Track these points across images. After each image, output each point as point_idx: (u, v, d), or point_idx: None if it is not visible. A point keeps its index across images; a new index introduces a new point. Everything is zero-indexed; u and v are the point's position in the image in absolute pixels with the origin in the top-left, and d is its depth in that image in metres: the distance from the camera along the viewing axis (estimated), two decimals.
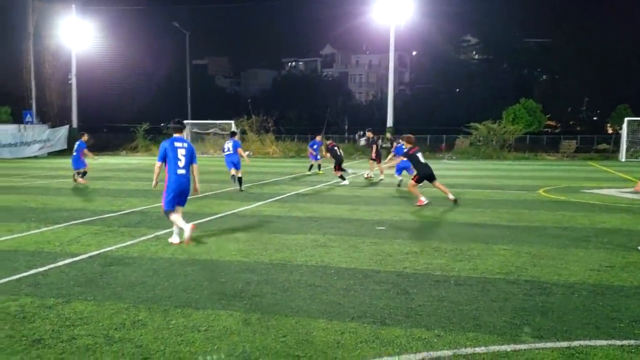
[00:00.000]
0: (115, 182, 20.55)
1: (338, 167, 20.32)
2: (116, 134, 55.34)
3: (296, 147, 44.24)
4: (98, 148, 25.05)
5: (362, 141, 49.11)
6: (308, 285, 6.96)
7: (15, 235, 10.21)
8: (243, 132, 45.18)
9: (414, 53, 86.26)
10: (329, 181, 21.11)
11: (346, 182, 19.95)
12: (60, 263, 8.13)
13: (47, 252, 8.84)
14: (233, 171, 17.81)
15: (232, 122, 44.21)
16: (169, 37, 69.30)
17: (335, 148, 20.72)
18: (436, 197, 15.20)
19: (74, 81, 45.83)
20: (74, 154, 21.74)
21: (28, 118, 45.38)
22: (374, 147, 22.62)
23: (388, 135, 34.79)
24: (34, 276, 7.43)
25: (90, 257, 8.55)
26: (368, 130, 24.50)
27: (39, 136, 42.49)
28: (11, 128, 42.83)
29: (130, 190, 18.08)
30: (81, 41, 45.84)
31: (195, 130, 45.16)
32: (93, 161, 24.47)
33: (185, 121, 45.25)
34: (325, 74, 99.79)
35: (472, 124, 42.99)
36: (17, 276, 7.41)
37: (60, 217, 12.27)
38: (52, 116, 48.92)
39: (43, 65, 48.73)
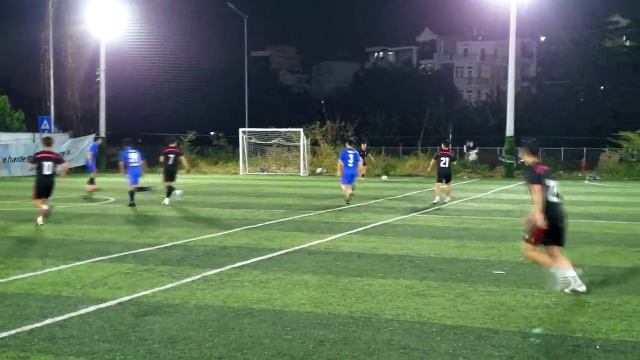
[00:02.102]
0: (151, 208, 21.01)
1: (168, 178, 22.01)
2: (155, 146, 56.68)
3: (383, 162, 44.15)
4: None
5: (473, 155, 48.74)
6: (401, 348, 6.89)
7: (27, 275, 10.57)
8: (315, 143, 45.42)
9: (542, 39, 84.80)
10: (426, 208, 20.91)
11: (166, 201, 21.59)
12: (83, 311, 8.34)
13: (66, 297, 9.10)
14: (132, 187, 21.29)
15: (301, 130, 44.57)
16: (221, 21, 71.05)
17: (171, 156, 22.27)
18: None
19: (102, 78, 46.88)
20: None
21: (45, 125, 46.86)
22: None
23: (363, 146, 36.20)
24: (49, 327, 7.64)
25: (120, 303, 8.74)
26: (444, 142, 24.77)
27: (58, 147, 43.70)
28: (24, 137, 44.33)
29: (171, 218, 18.47)
30: (112, 28, 46.89)
31: (253, 140, 45.50)
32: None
33: (242, 129, 46.03)
34: (422, 66, 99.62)
35: (622, 133, 42.09)
36: (29, 327, 7.63)
37: (83, 252, 12.64)
38: (74, 122, 50.39)
39: (65, 59, 50.26)
